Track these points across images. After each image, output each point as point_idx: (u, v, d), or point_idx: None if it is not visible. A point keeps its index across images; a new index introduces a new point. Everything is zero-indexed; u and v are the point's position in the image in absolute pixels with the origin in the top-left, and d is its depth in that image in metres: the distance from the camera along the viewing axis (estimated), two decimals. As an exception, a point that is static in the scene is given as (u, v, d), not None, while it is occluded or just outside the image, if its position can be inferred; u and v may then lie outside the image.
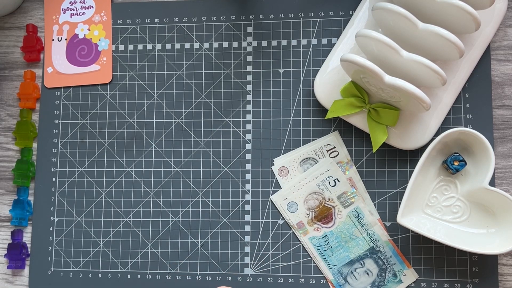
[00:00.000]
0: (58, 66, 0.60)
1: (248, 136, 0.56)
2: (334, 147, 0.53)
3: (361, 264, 0.52)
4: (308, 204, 0.53)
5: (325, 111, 0.54)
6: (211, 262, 0.55)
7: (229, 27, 0.58)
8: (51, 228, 0.57)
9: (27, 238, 0.58)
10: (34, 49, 0.60)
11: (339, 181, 0.53)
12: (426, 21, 0.45)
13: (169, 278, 0.55)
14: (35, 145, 0.59)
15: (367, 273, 0.52)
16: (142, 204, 0.56)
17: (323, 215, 0.53)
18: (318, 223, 0.53)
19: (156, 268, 0.55)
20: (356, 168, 0.54)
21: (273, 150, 0.55)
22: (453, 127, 0.50)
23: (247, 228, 0.55)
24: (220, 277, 0.54)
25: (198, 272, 0.55)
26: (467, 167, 0.50)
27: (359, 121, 0.52)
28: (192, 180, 0.56)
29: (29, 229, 0.58)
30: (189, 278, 0.55)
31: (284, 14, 0.57)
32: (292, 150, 0.55)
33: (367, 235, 0.52)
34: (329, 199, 0.53)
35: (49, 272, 0.57)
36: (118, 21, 0.60)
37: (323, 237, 0.53)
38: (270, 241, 0.54)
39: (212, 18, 0.59)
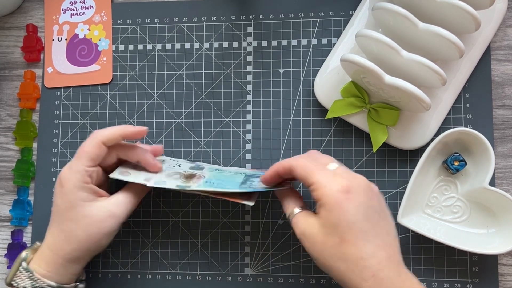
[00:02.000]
0: (58, 66, 0.60)
1: (248, 136, 0.56)
2: None
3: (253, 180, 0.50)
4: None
5: (325, 111, 0.54)
6: (211, 262, 0.55)
7: (229, 27, 0.58)
8: (51, 228, 0.57)
9: (27, 238, 0.58)
10: (34, 49, 0.60)
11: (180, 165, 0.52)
12: (426, 21, 0.45)
13: (169, 278, 0.55)
14: (35, 145, 0.59)
15: None
16: (142, 204, 0.56)
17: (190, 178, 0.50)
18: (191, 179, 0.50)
19: (156, 268, 0.55)
20: (356, 168, 0.54)
21: (273, 150, 0.55)
22: (453, 127, 0.50)
23: (247, 228, 0.55)
24: (220, 277, 0.54)
25: (198, 272, 0.55)
26: (467, 167, 0.50)
27: (359, 121, 0.52)
28: (192, 180, 0.56)
29: (29, 229, 0.58)
30: (189, 278, 0.55)
31: (284, 14, 0.57)
32: (291, 150, 0.55)
33: (234, 171, 0.51)
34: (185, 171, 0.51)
35: (49, 272, 0.57)
36: (118, 21, 0.60)
37: (206, 182, 0.49)
38: (270, 241, 0.54)
39: (212, 18, 0.59)
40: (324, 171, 0.41)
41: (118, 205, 0.47)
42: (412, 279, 0.40)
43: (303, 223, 0.42)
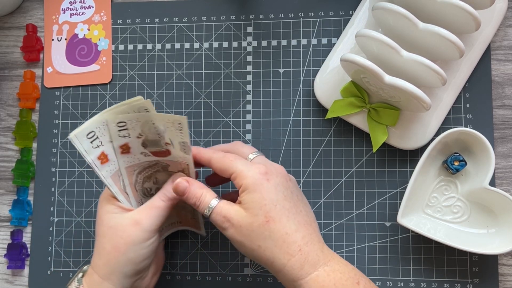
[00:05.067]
0: (58, 66, 0.60)
1: (248, 136, 0.56)
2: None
3: None
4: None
5: (325, 111, 0.54)
6: (211, 262, 0.55)
7: (229, 27, 0.58)
8: (50, 228, 0.57)
9: (26, 238, 0.58)
10: (34, 49, 0.60)
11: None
12: (426, 21, 0.45)
13: (169, 278, 0.55)
14: (34, 145, 0.59)
15: None
16: (142, 204, 0.56)
17: None
18: None
19: (156, 268, 0.55)
20: (356, 168, 0.54)
21: (273, 150, 0.55)
22: (453, 127, 0.50)
23: (247, 228, 0.55)
24: (220, 277, 0.54)
25: (198, 272, 0.55)
26: (467, 167, 0.50)
27: (359, 121, 0.52)
28: (192, 180, 0.56)
29: (28, 229, 0.58)
30: (189, 278, 0.55)
31: (284, 14, 0.57)
32: (291, 150, 0.55)
33: None
34: None
35: (49, 272, 0.57)
36: (118, 21, 0.60)
37: None
38: (270, 241, 0.54)
39: (212, 18, 0.59)
40: (241, 161, 0.43)
41: (142, 212, 0.44)
42: (334, 255, 0.42)
43: (227, 210, 0.42)
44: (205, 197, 0.43)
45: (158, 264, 0.50)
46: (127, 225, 0.44)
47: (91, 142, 0.43)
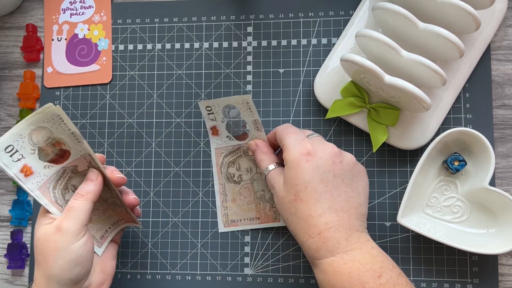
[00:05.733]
0: (58, 66, 0.60)
1: (248, 136, 0.56)
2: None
3: None
4: None
5: (325, 111, 0.54)
6: (211, 262, 0.55)
7: (229, 27, 0.58)
8: (51, 228, 0.57)
9: (26, 238, 0.58)
10: (34, 49, 0.60)
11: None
12: (426, 21, 0.45)
13: (169, 278, 0.55)
14: (35, 145, 0.59)
15: None
16: (143, 204, 0.56)
17: None
18: None
19: (156, 268, 0.55)
20: (356, 168, 0.54)
21: (273, 150, 0.55)
22: (453, 127, 0.50)
23: (247, 228, 0.55)
24: (220, 277, 0.54)
25: (198, 272, 0.55)
26: (467, 167, 0.50)
27: (359, 121, 0.52)
28: (192, 180, 0.56)
29: (29, 229, 0.58)
30: (189, 278, 0.55)
31: (284, 14, 0.57)
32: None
33: None
34: None
35: (49, 272, 0.57)
36: (118, 21, 0.60)
37: None
38: (270, 241, 0.54)
39: (212, 18, 0.59)
40: (296, 135, 0.46)
41: (62, 217, 0.43)
42: (364, 245, 0.42)
43: (274, 178, 0.46)
44: (264, 162, 0.48)
45: (106, 273, 0.49)
46: (51, 234, 0.43)
47: (11, 156, 0.42)
